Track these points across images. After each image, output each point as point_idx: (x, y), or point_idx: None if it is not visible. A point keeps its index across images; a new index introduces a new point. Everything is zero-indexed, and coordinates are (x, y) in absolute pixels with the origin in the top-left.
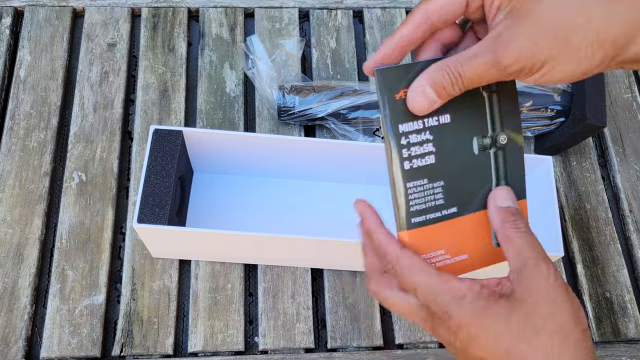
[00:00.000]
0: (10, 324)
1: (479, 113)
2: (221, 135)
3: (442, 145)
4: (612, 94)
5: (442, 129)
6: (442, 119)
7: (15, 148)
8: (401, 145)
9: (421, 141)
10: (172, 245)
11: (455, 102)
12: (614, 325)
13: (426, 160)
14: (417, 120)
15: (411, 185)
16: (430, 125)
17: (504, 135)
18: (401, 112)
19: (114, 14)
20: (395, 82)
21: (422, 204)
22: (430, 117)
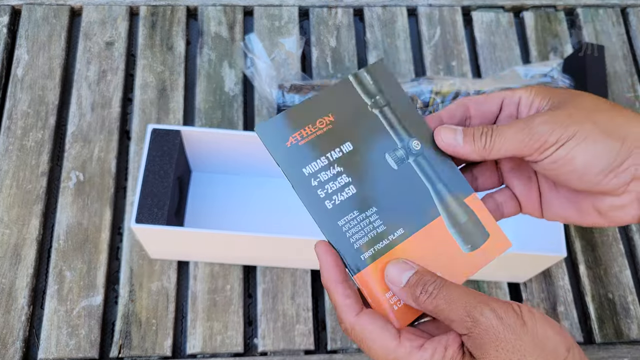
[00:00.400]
0: (7, 325)
1: (380, 130)
2: (220, 135)
3: (356, 172)
4: (614, 94)
5: (350, 157)
6: (345, 147)
7: (12, 148)
8: (313, 187)
9: (333, 176)
10: (171, 245)
11: (351, 127)
12: (617, 326)
13: (347, 193)
14: (320, 157)
15: (343, 222)
16: (336, 157)
17: (415, 141)
18: (298, 156)
19: (112, 12)
20: (281, 132)
21: (364, 237)
22: (332, 150)
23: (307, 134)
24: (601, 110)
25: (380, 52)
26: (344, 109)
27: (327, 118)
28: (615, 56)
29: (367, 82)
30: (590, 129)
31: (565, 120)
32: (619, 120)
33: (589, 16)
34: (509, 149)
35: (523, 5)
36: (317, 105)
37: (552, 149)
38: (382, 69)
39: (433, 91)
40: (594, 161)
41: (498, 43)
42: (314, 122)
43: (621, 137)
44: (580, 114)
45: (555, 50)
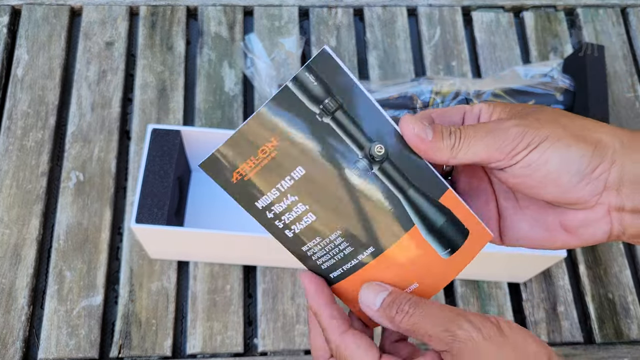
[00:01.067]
0: (7, 325)
1: (335, 142)
2: (220, 135)
3: (313, 199)
4: (614, 93)
5: (303, 183)
6: (296, 174)
7: (12, 148)
8: (270, 219)
9: (287, 206)
10: (171, 245)
11: (299, 148)
12: (617, 327)
13: (306, 221)
14: (270, 190)
15: (306, 248)
16: (287, 187)
17: (377, 145)
18: (247, 191)
19: (112, 12)
20: (224, 168)
21: (330, 259)
22: (282, 180)
23: (250, 167)
24: (567, 117)
25: (380, 52)
26: (287, 127)
27: (270, 144)
28: (615, 56)
29: (310, 84)
30: (561, 132)
31: (535, 123)
32: (588, 125)
33: (589, 16)
34: (478, 152)
35: (523, 5)
36: (255, 130)
37: (525, 152)
38: (326, 61)
39: (433, 91)
40: (567, 165)
41: (498, 43)
42: (255, 153)
43: (593, 141)
44: (547, 119)
45: (555, 50)
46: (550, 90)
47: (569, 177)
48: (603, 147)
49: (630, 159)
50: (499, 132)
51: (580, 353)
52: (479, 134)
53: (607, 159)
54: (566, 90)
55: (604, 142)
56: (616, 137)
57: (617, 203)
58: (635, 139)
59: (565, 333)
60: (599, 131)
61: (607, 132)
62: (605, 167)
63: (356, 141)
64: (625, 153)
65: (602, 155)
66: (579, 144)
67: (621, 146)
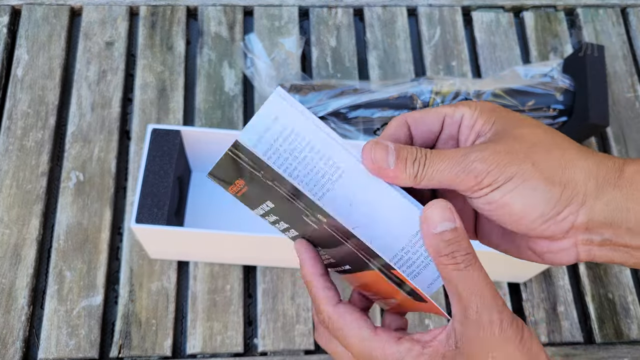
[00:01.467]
0: (7, 325)
1: (287, 195)
2: (220, 135)
3: (290, 221)
4: (614, 94)
5: (277, 210)
6: (267, 205)
7: (12, 148)
8: (271, 222)
9: (274, 221)
10: (170, 245)
11: (261, 191)
12: (617, 327)
13: (292, 233)
14: (256, 208)
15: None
16: (268, 209)
17: (319, 215)
18: (245, 202)
19: (112, 12)
20: (222, 183)
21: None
22: (260, 206)
23: (235, 190)
24: (544, 146)
25: (380, 52)
26: (246, 176)
27: (239, 182)
28: (615, 56)
29: (243, 159)
30: (529, 172)
31: (503, 159)
32: (562, 160)
33: (589, 16)
34: (442, 181)
35: (523, 5)
36: (225, 169)
37: (487, 190)
38: (244, 150)
39: (433, 91)
40: (530, 209)
41: (498, 43)
42: (232, 182)
43: (562, 182)
44: (520, 149)
45: (555, 50)
46: (550, 90)
47: (531, 219)
48: (573, 189)
49: (602, 201)
50: (464, 164)
51: (580, 353)
52: (444, 164)
53: (575, 202)
54: (566, 90)
55: (576, 182)
56: (591, 176)
57: (585, 238)
58: (611, 176)
59: (565, 333)
60: (575, 167)
61: (583, 168)
62: (572, 209)
63: (301, 202)
64: (597, 195)
65: (570, 198)
66: (547, 187)
67: (595, 187)
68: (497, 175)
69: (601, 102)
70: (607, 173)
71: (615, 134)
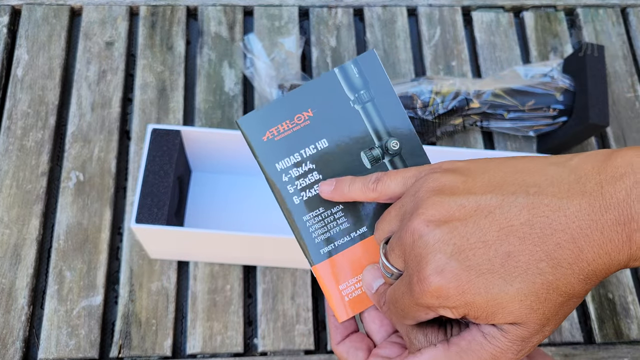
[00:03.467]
0: (7, 325)
1: (358, 127)
2: (220, 135)
3: (328, 170)
4: (614, 93)
5: (324, 154)
6: (320, 144)
7: (12, 148)
8: (284, 182)
9: (304, 172)
10: (170, 246)
11: (330, 123)
12: (617, 327)
13: (315, 189)
14: (294, 153)
15: (307, 217)
16: (310, 154)
17: (394, 141)
18: (272, 151)
19: (112, 12)
20: (260, 126)
21: (326, 232)
22: (307, 147)
23: (284, 129)
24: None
25: (380, 52)
26: (324, 104)
27: (306, 113)
28: (615, 56)
29: (353, 75)
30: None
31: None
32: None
33: (589, 16)
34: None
35: (523, 5)
36: (298, 99)
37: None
38: (372, 60)
39: (433, 91)
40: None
41: (498, 43)
42: (292, 117)
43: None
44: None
45: (555, 50)
46: (550, 90)
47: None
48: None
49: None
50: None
51: (580, 353)
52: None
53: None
54: (566, 90)
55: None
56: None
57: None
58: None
59: (565, 333)
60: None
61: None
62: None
63: (377, 132)
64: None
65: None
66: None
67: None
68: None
69: (601, 102)
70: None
71: (615, 134)
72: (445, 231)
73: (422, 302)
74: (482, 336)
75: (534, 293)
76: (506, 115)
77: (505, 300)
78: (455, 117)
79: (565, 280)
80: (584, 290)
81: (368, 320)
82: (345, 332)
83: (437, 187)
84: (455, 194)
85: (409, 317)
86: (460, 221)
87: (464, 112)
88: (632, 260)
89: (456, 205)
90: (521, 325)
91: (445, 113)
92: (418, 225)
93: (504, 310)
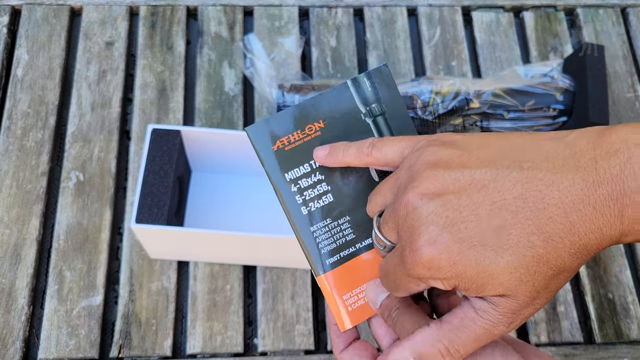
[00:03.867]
0: (7, 325)
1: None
2: (220, 135)
3: (336, 182)
4: (614, 93)
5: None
6: None
7: (12, 148)
8: (292, 192)
9: (313, 183)
10: (170, 246)
11: (340, 135)
12: (617, 327)
13: (324, 201)
14: (304, 164)
15: (315, 228)
16: (319, 165)
17: None
18: (282, 161)
19: (112, 12)
20: (269, 135)
21: (333, 243)
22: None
23: (294, 139)
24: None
25: (380, 52)
26: (336, 116)
27: (317, 124)
28: (615, 56)
29: (365, 88)
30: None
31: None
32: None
33: (589, 16)
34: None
35: (523, 5)
36: (309, 110)
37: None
38: (384, 74)
39: (433, 91)
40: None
41: (498, 43)
42: (303, 127)
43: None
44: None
45: (555, 50)
46: (550, 90)
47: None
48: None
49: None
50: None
51: (580, 353)
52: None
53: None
54: (566, 90)
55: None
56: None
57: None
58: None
59: (565, 333)
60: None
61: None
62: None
63: None
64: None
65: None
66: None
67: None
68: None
69: (601, 102)
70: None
71: None
72: (438, 204)
73: (414, 273)
74: (474, 311)
75: (524, 266)
76: (506, 115)
77: (495, 272)
78: (455, 117)
79: (556, 253)
80: (575, 265)
81: (375, 326)
82: (348, 340)
83: (433, 160)
84: (450, 167)
85: (400, 289)
86: (454, 194)
87: (464, 112)
88: (624, 236)
89: (451, 179)
90: (511, 297)
91: (445, 113)
92: (412, 198)
93: (494, 282)
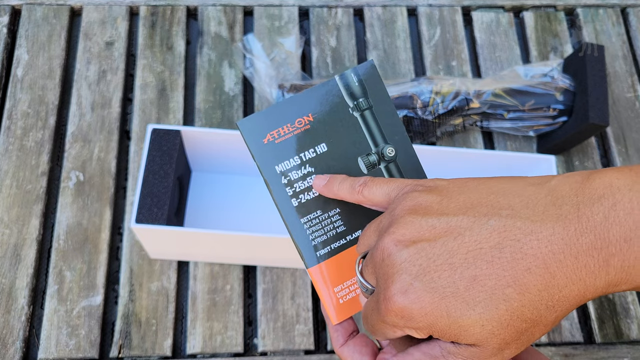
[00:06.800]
0: (7, 325)
1: (356, 133)
2: (220, 135)
3: (327, 172)
4: (614, 94)
5: (323, 158)
6: (319, 148)
7: (12, 148)
8: (283, 184)
9: (303, 175)
10: (170, 245)
11: (329, 128)
12: (617, 327)
13: (314, 192)
14: (294, 157)
15: (305, 219)
16: (309, 157)
17: (390, 148)
18: (272, 154)
19: (112, 12)
20: (260, 128)
21: (323, 235)
22: (306, 151)
23: (284, 132)
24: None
25: (380, 52)
26: (324, 110)
27: (307, 118)
28: (615, 56)
29: (352, 83)
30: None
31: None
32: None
33: (589, 16)
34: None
35: (523, 5)
36: (299, 103)
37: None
38: (370, 70)
39: (433, 91)
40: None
41: (498, 43)
42: (292, 121)
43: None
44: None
45: (555, 50)
46: (550, 90)
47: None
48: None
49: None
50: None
51: (580, 353)
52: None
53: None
54: (566, 90)
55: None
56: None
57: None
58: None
59: (565, 333)
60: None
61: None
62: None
63: (374, 138)
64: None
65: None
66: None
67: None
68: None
69: (601, 102)
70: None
71: (615, 134)
72: (412, 252)
73: (388, 321)
74: (439, 350)
75: (496, 319)
76: (506, 115)
77: (466, 324)
78: (455, 117)
79: (532, 306)
80: (552, 318)
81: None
82: (346, 334)
83: (412, 207)
84: (428, 214)
85: (378, 334)
86: (429, 242)
87: (464, 112)
88: (612, 286)
89: (427, 226)
90: (479, 347)
91: (445, 113)
92: (388, 244)
93: (466, 333)
